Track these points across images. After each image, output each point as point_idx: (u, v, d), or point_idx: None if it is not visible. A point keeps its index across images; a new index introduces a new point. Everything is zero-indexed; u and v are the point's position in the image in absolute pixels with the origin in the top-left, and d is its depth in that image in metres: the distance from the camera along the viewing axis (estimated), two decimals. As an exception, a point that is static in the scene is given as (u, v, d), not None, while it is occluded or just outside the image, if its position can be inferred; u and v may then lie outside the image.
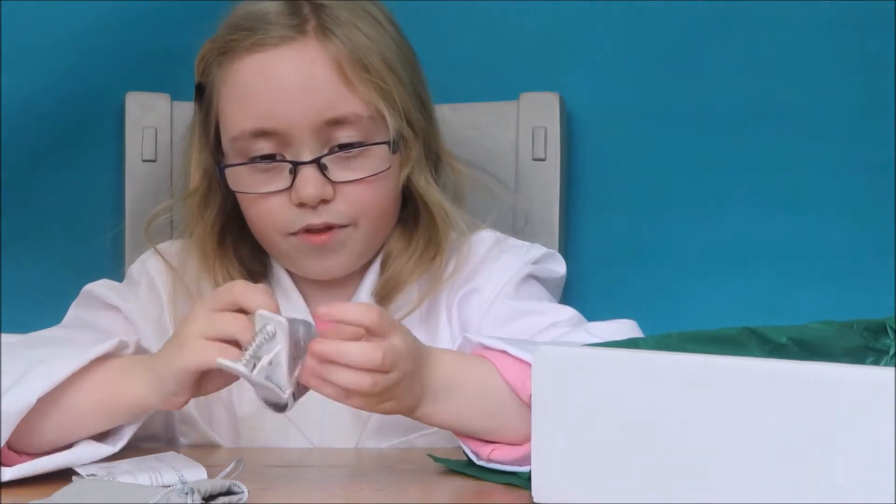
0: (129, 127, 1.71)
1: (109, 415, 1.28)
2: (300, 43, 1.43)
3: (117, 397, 1.27)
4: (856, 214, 1.71)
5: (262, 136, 1.43)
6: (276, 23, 1.44)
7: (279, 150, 1.43)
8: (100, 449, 1.27)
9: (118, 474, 1.20)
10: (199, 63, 1.49)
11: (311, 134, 1.42)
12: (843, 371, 0.95)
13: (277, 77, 1.43)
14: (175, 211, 1.56)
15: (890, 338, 1.25)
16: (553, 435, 1.08)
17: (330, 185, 1.43)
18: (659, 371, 1.02)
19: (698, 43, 1.73)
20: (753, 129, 1.73)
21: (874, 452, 0.91)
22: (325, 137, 1.43)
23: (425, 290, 1.48)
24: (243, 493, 1.11)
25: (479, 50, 1.75)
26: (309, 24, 1.44)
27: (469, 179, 1.55)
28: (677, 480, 1.00)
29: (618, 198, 1.76)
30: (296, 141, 1.42)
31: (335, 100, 1.43)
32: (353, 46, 1.43)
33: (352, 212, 1.44)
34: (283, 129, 1.42)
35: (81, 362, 1.26)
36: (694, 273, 1.74)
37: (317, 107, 1.42)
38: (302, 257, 1.46)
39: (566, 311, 1.48)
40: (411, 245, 1.49)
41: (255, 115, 1.43)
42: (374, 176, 1.44)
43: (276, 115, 1.42)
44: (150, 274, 1.52)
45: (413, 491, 1.22)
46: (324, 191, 1.43)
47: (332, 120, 1.42)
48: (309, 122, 1.42)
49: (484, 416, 1.27)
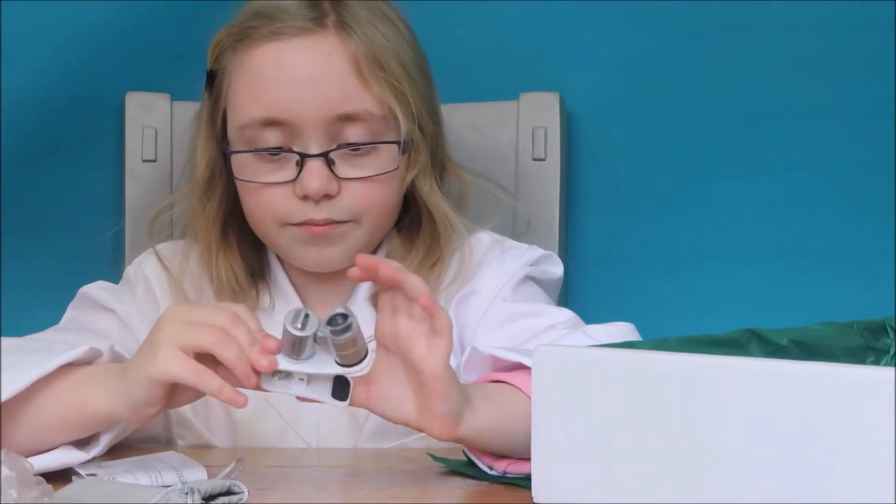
0: (129, 127, 1.71)
1: (76, 424, 1.24)
2: (319, 35, 1.43)
3: (83, 408, 1.23)
4: (856, 214, 1.71)
5: (271, 126, 1.42)
6: (296, 14, 1.44)
7: (287, 142, 1.43)
8: (71, 455, 1.24)
9: (118, 474, 1.20)
10: (213, 49, 1.48)
11: (321, 128, 1.42)
12: (844, 371, 0.94)
13: (293, 67, 1.42)
14: (176, 208, 1.56)
15: (890, 338, 1.25)
16: (553, 435, 1.08)
17: (335, 181, 1.43)
18: (659, 371, 1.02)
19: (698, 43, 1.73)
20: (753, 129, 1.73)
21: (874, 452, 0.91)
22: (335, 133, 1.43)
23: None
24: (243, 494, 1.11)
25: (479, 50, 1.75)
26: (328, 19, 1.44)
27: (472, 187, 1.55)
28: (677, 480, 1.00)
29: (618, 198, 1.76)
30: (305, 133, 1.42)
31: (349, 95, 1.42)
32: (370, 45, 1.43)
33: (355, 210, 1.44)
34: (294, 120, 1.42)
35: (46, 370, 1.23)
36: (693, 273, 1.74)
37: (329, 100, 1.42)
38: (298, 247, 1.46)
39: (564, 314, 1.48)
40: (412, 251, 1.49)
41: (266, 104, 1.42)
42: (380, 175, 1.44)
43: (288, 105, 1.42)
44: (146, 275, 1.51)
45: (412, 491, 1.22)
46: (329, 186, 1.42)
47: (343, 115, 1.42)
48: (320, 116, 1.41)
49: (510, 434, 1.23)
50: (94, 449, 1.25)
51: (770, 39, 1.72)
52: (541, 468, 1.09)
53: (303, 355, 1.19)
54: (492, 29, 1.76)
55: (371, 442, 1.46)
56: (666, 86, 1.74)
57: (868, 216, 1.71)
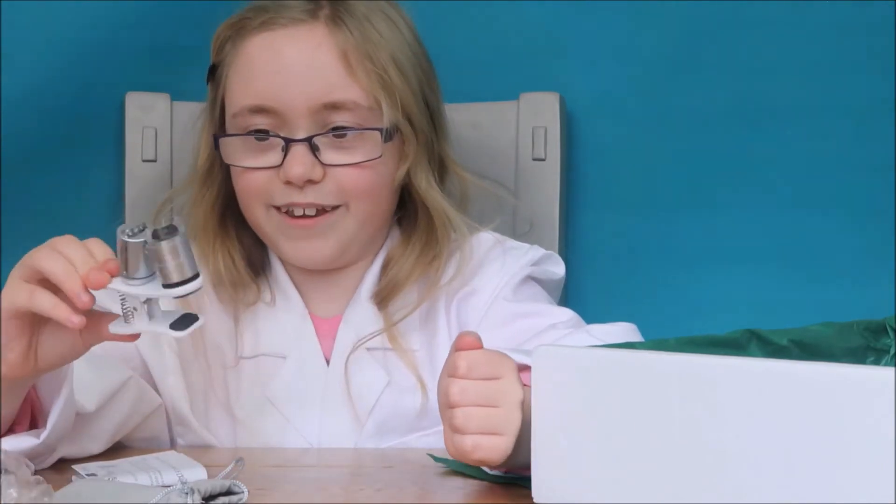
0: (129, 127, 1.71)
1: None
2: (309, 26, 1.45)
3: None
4: (856, 214, 1.71)
5: (260, 113, 1.44)
6: (292, 6, 1.46)
7: (275, 129, 1.44)
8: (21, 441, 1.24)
9: (118, 474, 1.20)
10: (215, 42, 1.50)
11: (308, 115, 1.43)
12: (844, 371, 0.95)
13: (282, 55, 1.44)
14: (175, 204, 1.56)
15: (890, 338, 1.25)
16: (553, 435, 1.08)
17: (319, 167, 1.44)
18: (659, 371, 1.02)
19: (698, 43, 1.73)
20: (753, 129, 1.73)
21: (874, 452, 0.91)
22: (322, 121, 1.44)
23: (424, 292, 1.48)
24: (243, 493, 1.11)
25: (479, 50, 1.75)
26: (321, 12, 1.46)
27: (474, 187, 1.55)
28: (677, 480, 1.00)
29: (618, 198, 1.76)
30: (291, 121, 1.43)
31: (335, 85, 1.44)
32: (361, 39, 1.45)
33: (340, 193, 1.45)
34: (281, 107, 1.43)
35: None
36: (694, 273, 1.74)
37: (316, 89, 1.43)
38: (284, 240, 1.46)
39: (565, 313, 1.48)
40: (409, 247, 1.49)
41: (255, 92, 1.45)
42: (365, 162, 1.44)
43: (276, 93, 1.44)
44: None
45: (413, 491, 1.22)
46: (312, 171, 1.43)
47: (329, 104, 1.44)
48: (306, 103, 1.43)
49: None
50: (42, 432, 1.24)
51: (770, 39, 1.72)
52: (541, 468, 1.09)
53: (136, 274, 1.16)
54: (492, 29, 1.76)
55: (372, 441, 1.46)
56: (666, 86, 1.74)
57: (868, 216, 1.71)
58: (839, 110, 1.72)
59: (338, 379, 1.46)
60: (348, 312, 1.49)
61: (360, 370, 1.46)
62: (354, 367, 1.46)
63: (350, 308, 1.49)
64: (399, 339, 1.47)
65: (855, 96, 1.71)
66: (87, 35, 1.72)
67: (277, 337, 1.48)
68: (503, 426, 1.16)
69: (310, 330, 1.49)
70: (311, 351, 1.48)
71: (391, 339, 1.47)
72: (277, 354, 1.48)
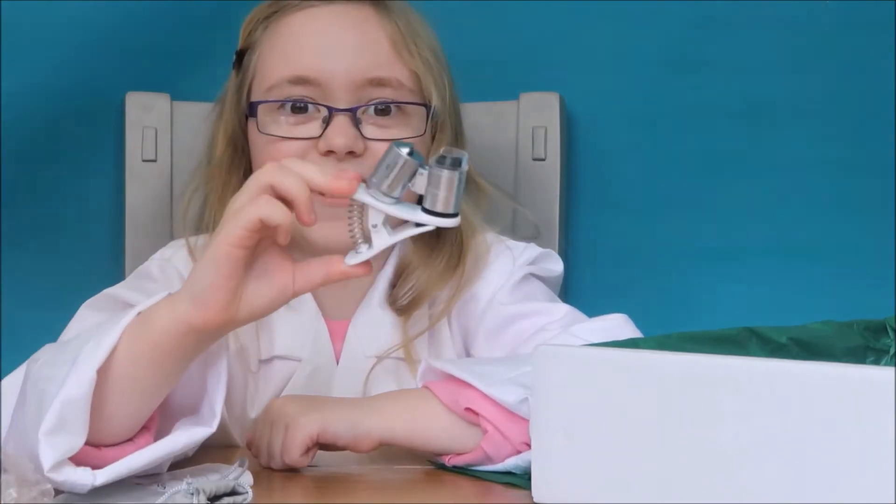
0: (129, 127, 1.71)
1: (157, 359, 1.14)
2: (356, 6, 1.45)
3: (153, 333, 1.14)
4: (856, 214, 1.71)
5: (300, 84, 1.42)
6: None
7: (315, 100, 1.43)
8: (194, 432, 1.18)
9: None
10: (246, 27, 1.48)
11: (350, 89, 1.42)
12: (843, 371, 0.95)
13: (326, 30, 1.44)
14: (200, 191, 1.52)
15: (890, 338, 1.25)
16: (553, 435, 1.08)
17: (361, 140, 1.41)
18: (659, 371, 1.02)
19: (698, 43, 1.74)
20: (753, 128, 1.73)
21: (874, 452, 0.91)
22: (363, 96, 1.42)
23: (447, 302, 1.47)
24: (247, 494, 1.11)
25: (479, 50, 1.75)
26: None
27: (486, 191, 1.54)
28: (677, 480, 1.00)
29: (618, 198, 1.76)
30: (333, 93, 1.42)
31: (381, 62, 1.43)
32: (406, 27, 1.45)
33: None
34: (323, 78, 1.41)
35: (128, 320, 1.15)
36: (693, 273, 1.74)
37: (362, 64, 1.42)
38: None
39: (560, 310, 1.47)
40: (432, 256, 1.47)
41: (296, 64, 1.43)
42: (409, 138, 1.42)
43: (320, 63, 1.42)
44: (178, 269, 1.48)
45: (413, 491, 1.22)
46: (355, 143, 1.40)
47: (375, 79, 1.42)
48: (350, 77, 1.42)
49: (412, 430, 1.26)
50: (213, 419, 1.18)
51: (770, 39, 1.72)
52: (541, 468, 1.09)
53: (394, 193, 1.12)
54: (492, 29, 1.76)
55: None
56: (666, 86, 1.74)
57: (868, 216, 1.71)
58: (839, 109, 1.72)
59: (348, 384, 1.45)
60: (358, 316, 1.47)
61: (371, 379, 1.45)
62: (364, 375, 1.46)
63: (360, 311, 1.47)
64: (411, 352, 1.46)
65: (855, 96, 1.71)
66: (87, 35, 1.72)
67: (292, 339, 1.46)
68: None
69: (324, 333, 1.47)
70: (325, 354, 1.46)
71: (405, 352, 1.46)
72: (293, 357, 1.46)
